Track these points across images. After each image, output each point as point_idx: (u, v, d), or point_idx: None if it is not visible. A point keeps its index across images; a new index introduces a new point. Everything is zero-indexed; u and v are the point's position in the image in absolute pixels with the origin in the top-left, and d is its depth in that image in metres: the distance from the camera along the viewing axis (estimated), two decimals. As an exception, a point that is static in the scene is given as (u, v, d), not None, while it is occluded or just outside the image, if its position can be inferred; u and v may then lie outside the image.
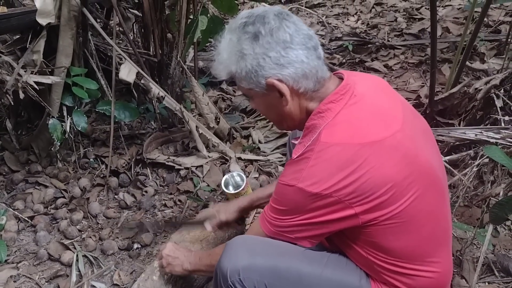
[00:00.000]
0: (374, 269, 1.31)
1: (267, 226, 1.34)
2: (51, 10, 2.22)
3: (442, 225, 1.32)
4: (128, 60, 2.45)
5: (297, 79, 1.22)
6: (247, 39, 1.20)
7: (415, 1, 4.79)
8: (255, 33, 1.19)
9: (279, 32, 1.19)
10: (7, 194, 2.45)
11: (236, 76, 1.27)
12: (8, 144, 2.64)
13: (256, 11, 1.24)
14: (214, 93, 3.38)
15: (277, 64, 1.20)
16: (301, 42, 1.20)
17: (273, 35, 1.18)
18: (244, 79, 1.25)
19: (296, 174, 1.21)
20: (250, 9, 4.79)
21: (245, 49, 1.20)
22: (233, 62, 1.24)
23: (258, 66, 1.20)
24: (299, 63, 1.20)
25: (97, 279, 1.99)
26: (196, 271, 1.63)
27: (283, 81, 1.22)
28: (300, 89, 1.24)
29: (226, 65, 1.26)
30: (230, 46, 1.24)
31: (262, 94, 1.27)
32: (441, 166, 1.36)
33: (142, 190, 2.47)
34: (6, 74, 2.17)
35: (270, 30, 1.18)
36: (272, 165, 2.63)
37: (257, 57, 1.20)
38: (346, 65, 3.71)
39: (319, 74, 1.24)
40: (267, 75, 1.21)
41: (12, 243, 2.15)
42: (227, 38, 1.25)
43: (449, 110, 2.65)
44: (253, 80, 1.23)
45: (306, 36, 1.22)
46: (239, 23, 1.23)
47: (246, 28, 1.21)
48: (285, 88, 1.22)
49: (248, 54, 1.20)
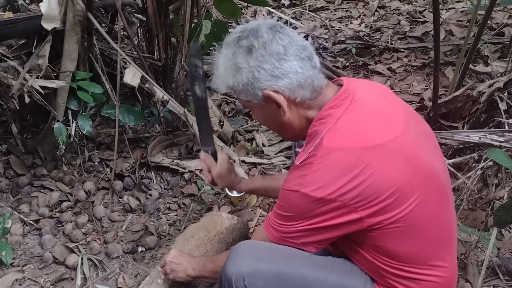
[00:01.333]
0: (379, 273, 1.31)
1: (272, 232, 1.34)
2: (57, 15, 2.24)
3: (446, 228, 1.32)
4: (133, 64, 2.47)
5: (292, 89, 1.23)
6: (241, 53, 1.23)
7: (419, 4, 4.79)
8: (248, 47, 1.22)
9: (272, 44, 1.21)
10: (13, 197, 2.47)
11: (234, 89, 1.29)
12: (14, 147, 2.66)
13: (249, 26, 1.27)
14: (218, 97, 3.40)
15: (272, 76, 1.22)
16: (294, 53, 1.22)
17: (266, 48, 1.21)
18: (242, 92, 1.27)
19: (300, 179, 1.21)
20: (252, 14, 4.79)
21: (240, 62, 1.23)
22: (230, 76, 1.26)
23: (253, 79, 1.23)
24: (294, 74, 1.22)
25: (101, 282, 2.00)
26: (200, 277, 1.63)
27: (279, 92, 1.24)
28: (297, 98, 1.25)
29: (224, 79, 1.29)
30: (226, 60, 1.27)
31: (260, 105, 1.29)
32: (444, 169, 1.36)
33: (146, 194, 2.48)
34: (12, 79, 2.19)
35: (263, 43, 1.21)
36: (276, 168, 2.63)
37: (252, 70, 1.22)
38: (349, 68, 3.72)
39: (315, 83, 1.25)
40: (263, 87, 1.23)
41: (18, 247, 2.16)
42: (223, 52, 1.28)
43: (452, 113, 2.65)
44: (250, 93, 1.25)
45: (300, 47, 1.23)
46: (233, 38, 1.26)
47: (240, 42, 1.23)
48: (282, 99, 1.24)
49: (243, 68, 1.23)
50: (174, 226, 2.30)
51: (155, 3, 2.56)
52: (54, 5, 2.23)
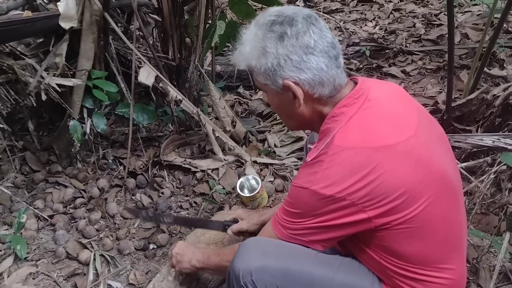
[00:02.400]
0: (387, 273, 1.31)
1: (280, 229, 1.35)
2: (74, 15, 2.27)
3: (455, 231, 1.31)
4: (147, 64, 2.49)
5: (313, 85, 1.23)
6: (272, 37, 1.21)
7: (434, 7, 4.76)
8: (281, 34, 1.20)
9: (305, 36, 1.20)
10: (28, 193, 2.51)
11: (255, 70, 1.28)
12: (30, 144, 2.70)
13: (286, 11, 1.24)
14: (230, 97, 3.41)
15: (297, 68, 1.21)
16: (323, 50, 1.21)
17: (298, 39, 1.20)
18: (262, 75, 1.27)
19: (310, 176, 1.22)
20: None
21: (269, 47, 1.22)
22: (255, 57, 1.25)
23: (278, 66, 1.22)
24: (318, 71, 1.22)
25: (113, 278, 2.03)
26: (204, 268, 1.65)
27: (299, 84, 1.23)
28: (315, 94, 1.25)
29: (247, 58, 1.28)
30: (254, 40, 1.25)
31: (277, 92, 1.29)
32: (456, 172, 1.35)
33: (158, 192, 2.50)
34: (29, 76, 2.23)
35: (296, 33, 1.20)
36: (288, 169, 2.64)
37: (278, 57, 1.21)
38: (363, 70, 3.71)
39: (336, 82, 1.25)
40: (285, 76, 1.23)
41: (32, 241, 2.20)
42: (253, 31, 1.26)
43: (466, 117, 2.63)
44: (270, 78, 1.25)
45: (330, 45, 1.23)
46: (267, 20, 1.24)
47: (273, 26, 1.22)
48: (300, 92, 1.24)
49: (270, 53, 1.22)
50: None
51: (170, 4, 2.58)
52: (72, 4, 2.26)
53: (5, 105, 2.27)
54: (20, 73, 2.20)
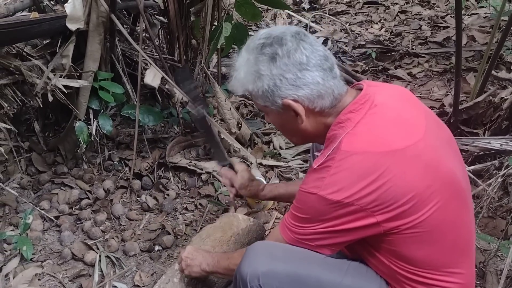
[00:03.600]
0: (396, 278, 1.30)
1: (288, 234, 1.34)
2: (81, 16, 2.28)
3: (465, 235, 1.30)
4: (153, 65, 2.49)
5: (312, 99, 1.23)
6: (264, 60, 1.22)
7: (440, 10, 4.75)
8: (272, 55, 1.21)
9: (296, 53, 1.20)
10: (34, 194, 2.51)
11: (253, 94, 1.29)
12: (36, 145, 2.71)
13: (274, 32, 1.26)
14: (236, 99, 3.41)
15: (293, 85, 1.22)
16: (317, 64, 1.21)
17: (290, 57, 1.20)
18: (261, 98, 1.28)
19: (317, 182, 1.21)
20: (272, 17, 4.78)
21: (262, 69, 1.23)
22: (250, 81, 1.26)
23: (274, 87, 1.23)
24: (315, 85, 1.22)
25: (118, 280, 2.03)
26: (214, 272, 1.64)
27: (298, 101, 1.24)
28: (316, 108, 1.25)
29: (243, 84, 1.29)
30: (247, 65, 1.26)
31: (278, 112, 1.29)
32: (464, 176, 1.34)
33: (164, 193, 2.50)
34: (36, 77, 2.23)
35: (287, 51, 1.20)
36: (293, 171, 2.63)
37: (274, 78, 1.22)
38: (369, 72, 3.70)
39: (335, 92, 1.25)
40: (283, 96, 1.23)
41: (38, 242, 2.20)
42: (245, 57, 1.27)
43: (473, 120, 2.62)
44: (269, 99, 1.26)
45: (323, 58, 1.23)
46: (257, 44, 1.25)
47: (263, 49, 1.23)
48: (301, 108, 1.24)
49: (265, 75, 1.23)
50: (191, 226, 2.32)
51: (176, 6, 2.59)
52: (79, 6, 2.26)
53: (12, 106, 2.27)
54: (27, 74, 2.20)
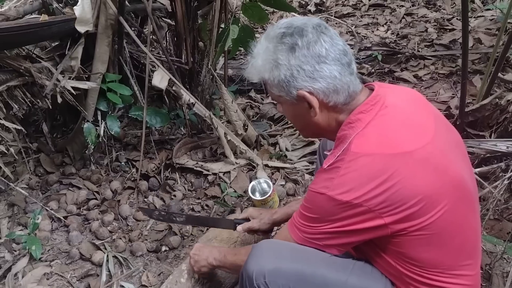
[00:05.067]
0: (402, 279, 1.31)
1: (296, 233, 1.35)
2: (90, 19, 2.30)
3: (471, 238, 1.31)
4: (161, 67, 2.52)
5: (328, 93, 1.23)
6: (283, 49, 1.22)
7: (447, 12, 4.74)
8: (292, 45, 1.21)
9: (316, 46, 1.20)
10: (42, 194, 2.54)
11: (268, 83, 1.29)
12: (44, 146, 2.74)
13: (295, 22, 1.25)
14: (242, 101, 3.43)
15: (310, 77, 1.22)
16: (336, 58, 1.21)
17: (309, 49, 1.20)
18: (276, 87, 1.27)
19: (326, 182, 1.22)
20: (279, 19, 4.82)
21: (281, 59, 1.22)
22: (267, 69, 1.26)
23: (291, 77, 1.23)
24: (332, 79, 1.22)
25: (126, 280, 2.04)
26: (221, 267, 1.66)
27: (313, 94, 1.24)
28: (330, 102, 1.26)
29: (260, 71, 1.29)
30: (266, 53, 1.26)
31: (291, 102, 1.29)
32: (472, 179, 1.34)
33: (170, 194, 2.52)
34: (45, 79, 2.26)
35: (307, 43, 1.20)
36: (299, 173, 2.64)
37: (291, 68, 1.22)
38: (374, 75, 3.70)
39: (350, 89, 1.25)
40: (299, 87, 1.23)
41: (46, 242, 2.23)
42: (264, 45, 1.27)
43: (480, 122, 2.61)
44: (285, 89, 1.26)
45: (342, 52, 1.23)
46: (277, 32, 1.25)
47: (283, 38, 1.22)
48: (315, 101, 1.25)
49: (283, 65, 1.22)
50: (197, 227, 2.33)
51: (184, 8, 2.61)
52: (88, 8, 2.29)
53: (21, 107, 2.30)
54: (37, 76, 2.23)
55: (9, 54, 2.27)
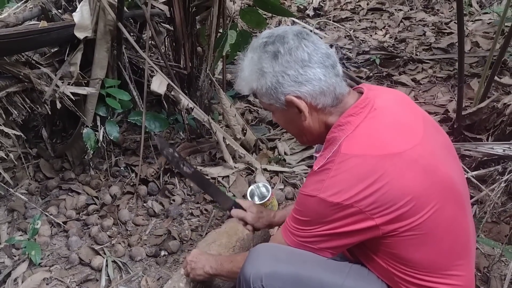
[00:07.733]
0: (394, 280, 1.32)
1: (290, 237, 1.36)
2: (89, 25, 2.32)
3: (463, 238, 1.32)
4: (160, 73, 2.53)
5: (315, 96, 1.26)
6: (267, 57, 1.26)
7: (445, 16, 4.76)
8: (274, 52, 1.25)
9: (298, 51, 1.24)
10: (42, 199, 2.55)
11: (257, 92, 1.33)
12: (44, 152, 2.75)
13: (276, 31, 1.30)
14: (241, 105, 3.44)
15: (296, 82, 1.25)
16: (319, 61, 1.25)
17: (291, 54, 1.24)
18: (265, 95, 1.31)
19: (317, 184, 1.24)
20: (277, 24, 4.83)
21: (265, 67, 1.26)
22: (254, 79, 1.30)
23: (277, 84, 1.26)
24: (317, 81, 1.25)
25: (125, 284, 2.05)
26: (217, 275, 1.67)
27: (301, 97, 1.27)
28: (318, 105, 1.28)
29: (248, 82, 1.33)
30: (251, 64, 1.30)
31: (282, 109, 1.32)
32: (462, 180, 1.36)
33: (170, 199, 2.53)
34: (45, 85, 2.27)
35: (289, 49, 1.24)
36: (298, 177, 2.65)
37: (276, 75, 1.25)
38: (373, 78, 3.72)
39: (337, 90, 1.28)
40: (286, 92, 1.26)
41: (46, 247, 2.23)
42: (249, 56, 1.32)
43: (477, 125, 2.63)
44: (273, 96, 1.29)
45: (324, 55, 1.26)
46: (260, 42, 1.29)
47: (266, 47, 1.27)
48: (303, 105, 1.27)
49: (268, 72, 1.26)
50: (196, 232, 2.34)
51: (182, 14, 2.62)
52: (87, 15, 2.30)
53: (21, 113, 2.31)
54: (36, 82, 2.24)
55: (8, 60, 2.28)
